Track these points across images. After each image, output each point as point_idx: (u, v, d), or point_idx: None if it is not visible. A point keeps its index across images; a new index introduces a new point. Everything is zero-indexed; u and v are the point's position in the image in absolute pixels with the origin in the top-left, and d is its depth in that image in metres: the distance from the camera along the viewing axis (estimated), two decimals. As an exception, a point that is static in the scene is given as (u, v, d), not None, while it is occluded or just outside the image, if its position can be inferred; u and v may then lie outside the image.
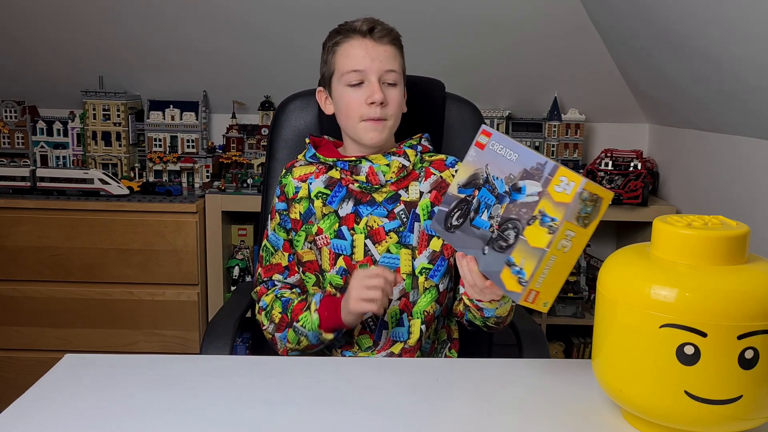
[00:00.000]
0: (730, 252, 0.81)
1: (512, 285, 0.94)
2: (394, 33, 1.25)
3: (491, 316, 1.17)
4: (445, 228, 1.05)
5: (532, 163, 0.94)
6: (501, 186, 0.98)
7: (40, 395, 0.93)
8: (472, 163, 1.03)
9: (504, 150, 0.99)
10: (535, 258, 0.91)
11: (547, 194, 0.91)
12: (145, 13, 2.24)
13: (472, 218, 1.02)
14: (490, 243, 0.98)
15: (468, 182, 1.03)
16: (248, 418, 0.89)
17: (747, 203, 1.85)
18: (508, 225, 0.96)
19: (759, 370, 0.77)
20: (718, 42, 1.63)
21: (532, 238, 0.92)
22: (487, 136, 1.02)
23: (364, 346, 1.25)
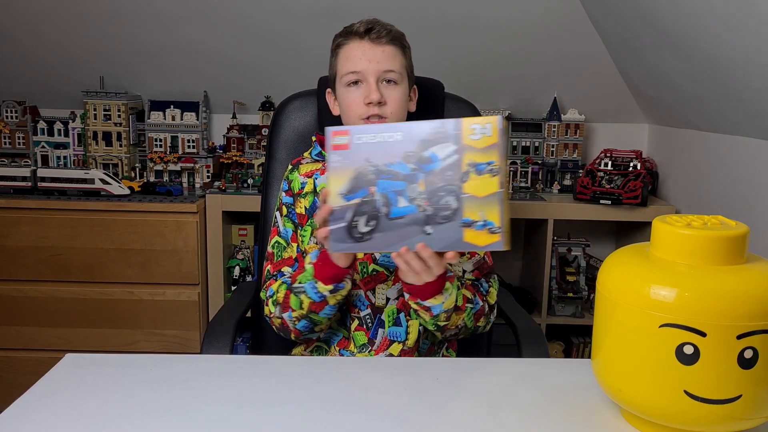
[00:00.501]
0: (730, 252, 0.81)
1: (485, 239, 0.94)
2: (395, 33, 1.24)
3: (440, 312, 1.14)
4: (355, 240, 0.99)
5: (427, 131, 0.93)
6: (403, 167, 0.95)
7: (41, 395, 0.94)
8: (342, 167, 0.97)
9: (377, 137, 0.95)
10: (495, 204, 0.92)
11: (465, 147, 0.92)
12: (145, 13, 2.24)
13: (388, 213, 0.97)
14: (430, 221, 0.95)
15: (353, 186, 0.98)
16: (248, 418, 0.89)
17: (747, 203, 1.85)
18: (440, 194, 0.94)
19: (758, 370, 0.77)
20: (718, 42, 1.63)
21: (479, 189, 0.92)
22: (345, 134, 0.97)
23: (359, 343, 1.25)
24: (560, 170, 2.52)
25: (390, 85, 1.23)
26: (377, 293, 1.25)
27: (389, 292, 1.25)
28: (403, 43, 1.27)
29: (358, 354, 1.25)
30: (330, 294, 1.15)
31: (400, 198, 0.96)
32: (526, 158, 2.52)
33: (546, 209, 2.27)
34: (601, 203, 2.24)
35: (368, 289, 1.25)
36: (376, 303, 1.25)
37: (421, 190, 0.94)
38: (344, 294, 1.16)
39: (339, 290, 1.15)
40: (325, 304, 1.17)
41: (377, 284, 1.25)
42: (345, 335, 1.26)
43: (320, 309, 1.17)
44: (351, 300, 1.25)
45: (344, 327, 1.26)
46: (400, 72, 1.24)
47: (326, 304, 1.17)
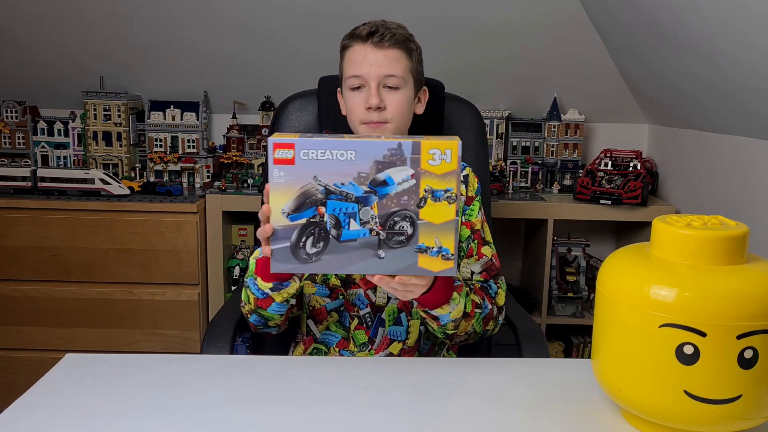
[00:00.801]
0: (730, 252, 0.81)
1: (438, 266, 0.93)
2: (399, 36, 1.22)
3: (447, 321, 1.12)
4: (301, 261, 0.93)
5: (383, 152, 0.89)
6: (356, 189, 0.91)
7: (41, 395, 0.94)
8: (287, 183, 0.91)
9: (327, 154, 0.90)
10: (450, 231, 0.91)
11: (423, 172, 0.90)
12: (145, 13, 2.24)
13: (338, 235, 0.93)
14: (382, 245, 0.93)
15: (300, 204, 0.92)
16: (248, 418, 0.89)
17: (746, 203, 1.85)
18: (395, 219, 0.92)
19: (758, 370, 0.77)
20: (718, 42, 1.64)
21: (435, 215, 0.91)
22: (290, 148, 0.90)
23: (359, 342, 1.25)
24: (560, 170, 2.52)
25: (391, 90, 1.21)
26: (378, 292, 1.25)
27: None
28: (409, 46, 1.24)
29: (359, 353, 1.25)
30: (272, 292, 1.12)
31: (352, 220, 0.92)
32: (526, 158, 2.52)
33: (546, 209, 2.27)
34: (601, 203, 2.24)
35: (368, 288, 1.24)
36: (377, 302, 1.25)
37: (375, 214, 0.92)
38: (291, 293, 1.13)
39: (283, 288, 1.12)
40: (270, 300, 1.14)
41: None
42: (344, 336, 1.26)
43: (266, 305, 1.15)
44: (350, 299, 1.25)
45: (342, 328, 1.26)
46: (403, 76, 1.22)
47: (272, 301, 1.14)
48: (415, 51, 1.26)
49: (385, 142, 0.89)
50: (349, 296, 1.25)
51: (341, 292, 1.25)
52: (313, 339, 1.29)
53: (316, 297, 1.27)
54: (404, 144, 0.89)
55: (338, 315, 1.26)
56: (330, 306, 1.26)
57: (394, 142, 0.89)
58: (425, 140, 0.89)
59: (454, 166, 0.89)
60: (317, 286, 1.26)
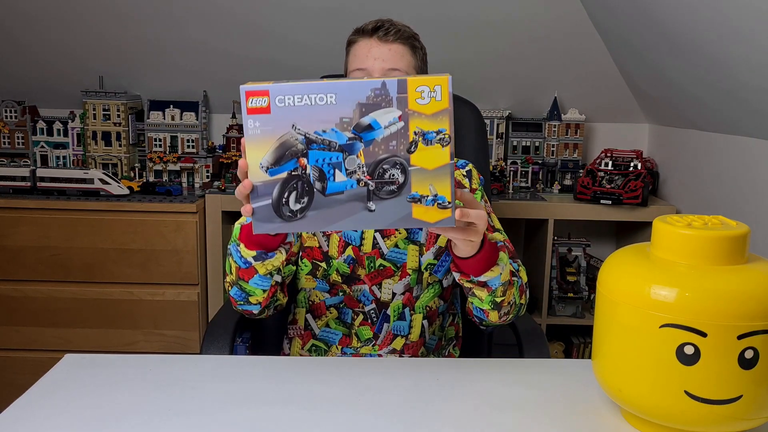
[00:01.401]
0: (730, 252, 0.81)
1: (434, 216, 0.86)
2: (404, 33, 1.23)
3: (498, 285, 1.07)
4: (285, 219, 0.87)
5: (366, 93, 0.82)
6: (339, 136, 0.84)
7: (40, 395, 0.94)
8: (263, 135, 0.84)
9: (305, 99, 0.82)
10: (446, 176, 0.84)
11: (412, 113, 0.82)
12: (145, 13, 2.24)
13: (323, 188, 0.86)
14: (372, 196, 0.86)
15: (279, 157, 0.85)
16: (248, 418, 0.89)
17: (747, 203, 1.85)
18: (384, 167, 0.84)
19: (759, 370, 0.77)
20: (718, 42, 1.63)
21: (427, 160, 0.84)
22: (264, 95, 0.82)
23: (364, 338, 1.25)
24: (560, 170, 2.52)
25: None
26: (383, 288, 1.25)
27: (396, 287, 1.25)
28: (414, 44, 1.25)
29: (362, 349, 1.25)
30: (255, 261, 1.06)
31: (337, 171, 0.85)
32: (526, 158, 2.52)
33: (546, 209, 2.27)
34: (602, 203, 2.24)
35: (374, 283, 1.24)
36: (382, 298, 1.25)
37: (361, 162, 0.84)
38: (276, 265, 1.08)
39: (267, 259, 1.06)
40: (253, 272, 1.08)
41: (384, 279, 1.24)
42: (345, 333, 1.26)
43: (249, 277, 1.10)
44: (355, 295, 1.25)
45: (342, 325, 1.26)
46: (407, 71, 1.23)
47: (255, 272, 1.09)
48: (420, 50, 1.27)
49: (367, 82, 0.82)
50: (353, 293, 1.25)
51: (342, 288, 1.25)
52: (311, 334, 1.29)
53: (316, 292, 1.27)
54: (389, 83, 0.81)
55: (337, 311, 1.26)
56: (329, 302, 1.26)
57: (377, 81, 0.81)
58: (412, 77, 0.81)
59: (446, 104, 0.81)
60: (318, 281, 1.26)
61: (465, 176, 1.30)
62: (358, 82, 0.82)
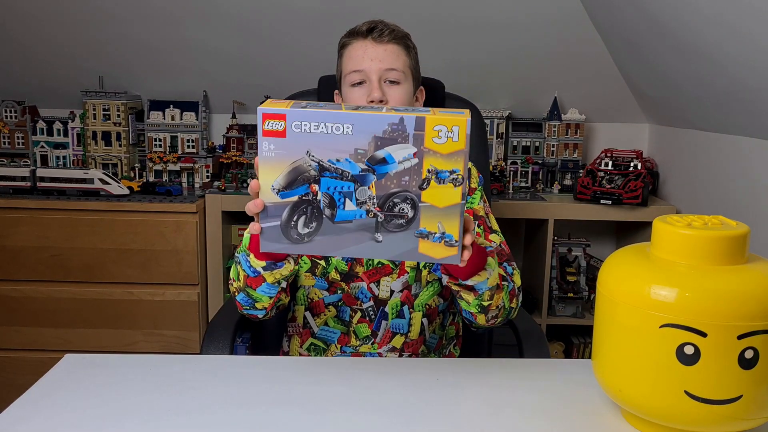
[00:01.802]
0: (730, 252, 0.81)
1: (440, 252, 0.87)
2: (398, 32, 1.24)
3: (485, 290, 1.07)
4: (292, 242, 0.88)
5: (383, 126, 0.82)
6: (352, 167, 0.85)
7: (40, 395, 0.94)
8: (277, 158, 0.85)
9: (321, 127, 0.83)
10: (455, 216, 0.85)
11: (427, 151, 0.83)
12: (145, 13, 2.24)
13: (333, 215, 0.87)
14: (380, 228, 0.87)
15: (291, 181, 0.86)
16: (248, 418, 0.89)
17: (747, 203, 1.85)
18: (395, 200, 0.85)
19: (759, 370, 0.77)
20: (718, 42, 1.63)
21: (439, 198, 0.84)
22: (281, 119, 0.83)
23: (362, 335, 1.25)
24: (561, 170, 2.52)
25: (392, 85, 1.23)
26: (381, 285, 1.25)
27: (394, 284, 1.24)
28: (407, 43, 1.26)
29: (362, 347, 1.25)
30: (264, 271, 1.06)
31: (347, 200, 0.86)
32: (526, 158, 2.52)
33: (546, 209, 2.27)
34: (602, 203, 2.24)
35: (372, 281, 1.24)
36: (380, 295, 1.25)
37: (372, 194, 0.85)
38: (285, 274, 1.08)
39: (276, 269, 1.06)
40: (261, 280, 1.08)
41: (382, 276, 1.24)
42: (343, 331, 1.26)
43: (257, 285, 1.09)
44: (352, 293, 1.25)
45: (341, 323, 1.26)
46: (403, 71, 1.24)
47: (263, 281, 1.08)
48: (413, 49, 1.28)
49: (385, 116, 0.83)
50: (351, 290, 1.25)
51: (340, 286, 1.25)
52: (310, 333, 1.29)
53: (315, 290, 1.27)
54: (407, 119, 0.82)
55: (336, 310, 1.26)
56: (328, 300, 1.26)
57: (395, 116, 0.82)
58: (430, 115, 0.82)
59: (462, 145, 0.82)
60: (316, 278, 1.26)
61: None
62: (376, 115, 0.83)
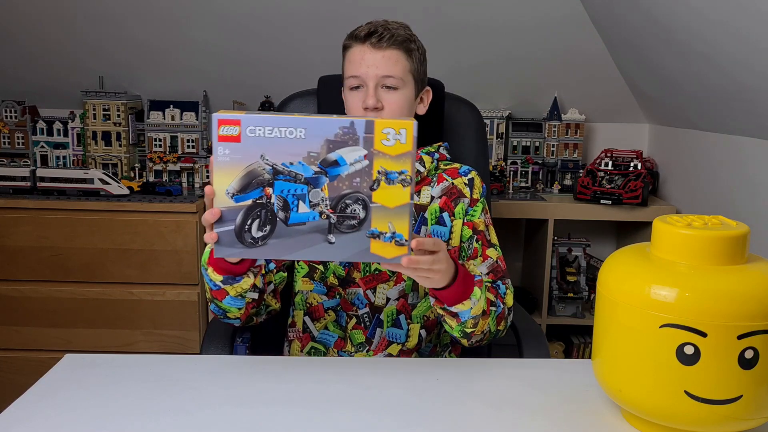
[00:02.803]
0: (730, 252, 0.81)
1: (391, 252, 0.89)
2: (398, 37, 1.21)
3: (468, 318, 1.09)
4: (246, 246, 0.89)
5: (334, 130, 0.86)
6: (305, 169, 0.87)
7: (40, 395, 0.93)
8: (232, 162, 0.87)
9: (275, 131, 0.86)
10: (404, 216, 0.88)
11: (377, 153, 0.86)
12: (145, 13, 2.24)
13: (286, 218, 0.89)
14: (333, 229, 0.89)
15: (246, 185, 0.88)
16: (248, 418, 0.89)
17: (747, 203, 1.85)
18: (347, 202, 0.88)
19: (759, 370, 0.77)
20: (719, 42, 1.63)
21: (389, 199, 0.88)
22: (235, 124, 0.86)
23: (356, 342, 1.25)
24: (561, 170, 2.52)
25: (390, 90, 1.21)
26: (378, 293, 1.25)
27: (390, 292, 1.24)
28: (409, 47, 1.23)
29: (357, 354, 1.25)
30: (223, 285, 1.06)
31: (301, 203, 0.89)
32: (526, 158, 2.52)
33: (546, 209, 2.27)
34: (602, 203, 2.24)
35: (368, 288, 1.24)
36: (376, 302, 1.25)
37: (325, 196, 0.88)
38: (245, 288, 1.07)
39: (235, 283, 1.06)
40: (224, 293, 1.08)
41: (378, 284, 1.24)
42: (340, 336, 1.26)
43: (221, 297, 1.09)
44: (348, 299, 1.25)
45: (339, 328, 1.26)
46: (402, 77, 1.21)
47: (226, 294, 1.08)
48: (416, 51, 1.25)
49: (336, 120, 0.86)
50: (347, 295, 1.25)
51: (338, 291, 1.25)
52: (310, 337, 1.29)
53: (314, 294, 1.27)
54: (357, 123, 0.86)
55: (335, 314, 1.26)
56: (327, 304, 1.26)
57: (346, 120, 0.86)
58: (379, 119, 0.86)
59: (410, 147, 0.86)
60: (315, 283, 1.26)
61: (466, 185, 1.28)
62: (327, 119, 0.87)
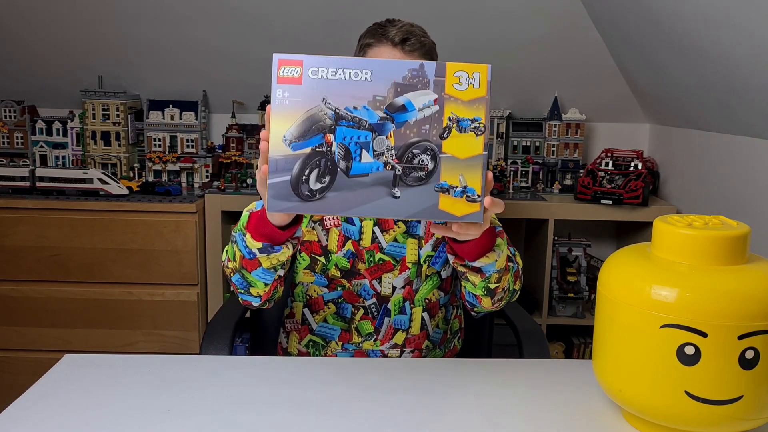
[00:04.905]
0: (731, 252, 0.81)
1: (461, 209, 0.82)
2: (427, 47, 1.23)
3: (492, 272, 1.03)
4: (302, 199, 0.81)
5: (402, 72, 0.80)
6: (370, 115, 0.81)
7: (40, 395, 0.93)
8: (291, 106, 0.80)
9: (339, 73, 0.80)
10: (477, 168, 0.81)
11: (448, 98, 0.81)
12: (144, 12, 2.24)
13: (348, 168, 0.81)
14: (398, 182, 0.82)
15: (303, 131, 0.81)
16: (248, 418, 0.89)
17: (747, 203, 1.85)
18: (414, 151, 0.81)
19: (759, 371, 0.77)
20: (719, 41, 1.63)
21: (460, 149, 0.81)
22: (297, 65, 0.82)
23: (365, 332, 1.25)
24: (561, 170, 2.52)
25: None
26: (383, 282, 1.25)
27: (396, 281, 1.25)
28: (433, 56, 1.26)
29: (364, 343, 1.25)
30: (260, 253, 1.01)
31: (364, 152, 0.81)
32: (526, 158, 2.52)
33: (547, 209, 2.27)
34: (602, 203, 2.24)
35: (374, 278, 1.24)
36: (382, 292, 1.25)
37: (391, 144, 0.81)
38: (282, 260, 1.02)
39: (273, 253, 1.00)
40: (257, 264, 1.03)
41: (384, 273, 1.24)
42: (344, 328, 1.26)
43: (252, 268, 1.04)
44: (355, 290, 1.25)
45: (341, 320, 1.26)
46: None
47: (259, 265, 1.03)
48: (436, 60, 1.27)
49: (405, 62, 0.80)
50: (353, 287, 1.25)
51: (340, 283, 1.25)
52: (309, 329, 1.29)
53: (314, 286, 1.26)
54: (427, 65, 0.80)
55: (335, 307, 1.26)
56: (327, 297, 1.26)
57: (415, 62, 0.80)
58: (451, 62, 0.80)
59: (483, 92, 0.81)
60: (316, 275, 1.26)
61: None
62: (395, 61, 0.81)
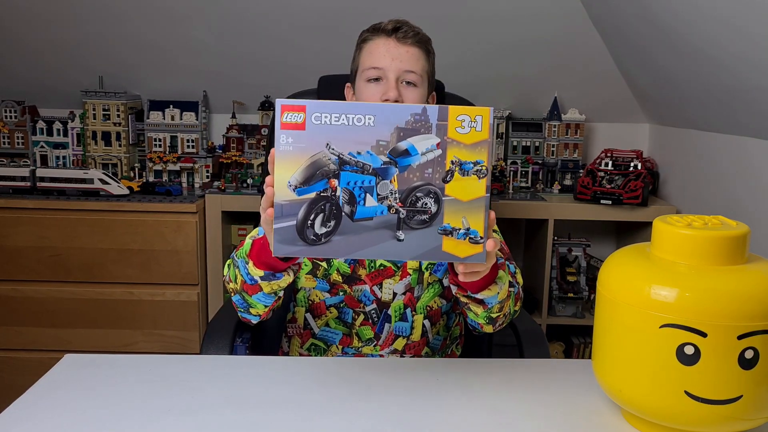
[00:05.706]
0: (730, 252, 0.81)
1: (465, 250, 0.83)
2: (421, 36, 1.25)
3: (494, 304, 1.05)
4: (308, 243, 0.82)
5: (405, 117, 0.80)
6: (374, 159, 0.81)
7: (40, 395, 0.93)
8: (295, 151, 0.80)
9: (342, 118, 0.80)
10: (479, 210, 0.82)
11: (450, 141, 0.81)
12: (145, 12, 2.24)
13: (352, 212, 0.83)
14: (402, 225, 0.83)
15: (309, 176, 0.81)
16: (248, 418, 0.89)
17: (747, 203, 1.85)
18: (417, 195, 0.82)
19: (759, 370, 0.77)
20: (719, 41, 1.63)
21: (463, 192, 0.82)
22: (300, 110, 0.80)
23: (365, 337, 1.25)
24: (561, 170, 2.52)
25: (409, 86, 1.23)
26: (384, 288, 1.25)
27: (396, 287, 1.25)
28: (428, 48, 1.27)
29: (364, 348, 1.25)
30: (261, 280, 1.03)
31: (368, 196, 0.82)
32: (526, 158, 2.52)
33: (546, 209, 2.27)
34: (602, 203, 2.24)
35: (375, 284, 1.24)
36: (383, 298, 1.25)
37: (394, 188, 0.82)
38: (282, 286, 1.04)
39: (274, 280, 1.03)
40: (258, 288, 1.05)
41: (384, 279, 1.24)
42: (345, 332, 1.26)
43: (253, 292, 1.06)
44: (355, 296, 1.25)
45: (343, 324, 1.26)
46: (421, 74, 1.24)
47: (260, 290, 1.05)
48: (432, 54, 1.29)
49: (407, 106, 0.81)
50: (354, 293, 1.25)
51: (342, 288, 1.25)
52: (310, 334, 1.29)
53: (316, 291, 1.27)
54: (429, 109, 0.80)
55: (337, 311, 1.26)
56: (329, 301, 1.26)
57: (418, 106, 0.80)
58: (453, 106, 0.81)
59: (485, 135, 0.80)
60: (318, 280, 1.26)
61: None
62: (398, 106, 0.82)
